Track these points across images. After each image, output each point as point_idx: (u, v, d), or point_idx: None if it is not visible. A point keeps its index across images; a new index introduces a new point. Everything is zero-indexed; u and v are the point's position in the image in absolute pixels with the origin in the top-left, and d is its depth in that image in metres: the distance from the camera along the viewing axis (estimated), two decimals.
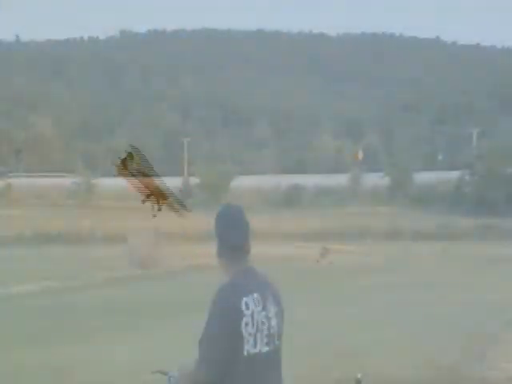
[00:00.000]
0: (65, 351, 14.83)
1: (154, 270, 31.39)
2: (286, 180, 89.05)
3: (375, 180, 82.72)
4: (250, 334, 4.27)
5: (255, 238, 4.52)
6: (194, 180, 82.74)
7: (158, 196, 5.25)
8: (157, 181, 5.78)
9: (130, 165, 5.54)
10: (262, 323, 4.33)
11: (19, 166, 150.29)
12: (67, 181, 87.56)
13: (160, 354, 13.99)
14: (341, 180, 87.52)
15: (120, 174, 5.61)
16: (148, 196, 5.14)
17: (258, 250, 4.58)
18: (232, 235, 4.43)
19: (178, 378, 4.34)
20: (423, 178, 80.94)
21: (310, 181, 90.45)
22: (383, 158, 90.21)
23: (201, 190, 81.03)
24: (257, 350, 4.30)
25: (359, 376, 8.94)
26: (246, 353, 4.27)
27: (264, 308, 4.36)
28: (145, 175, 5.67)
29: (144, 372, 12.10)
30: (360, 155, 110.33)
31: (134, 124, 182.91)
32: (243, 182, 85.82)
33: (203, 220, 44.10)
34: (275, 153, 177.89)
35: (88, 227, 49.44)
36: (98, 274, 29.06)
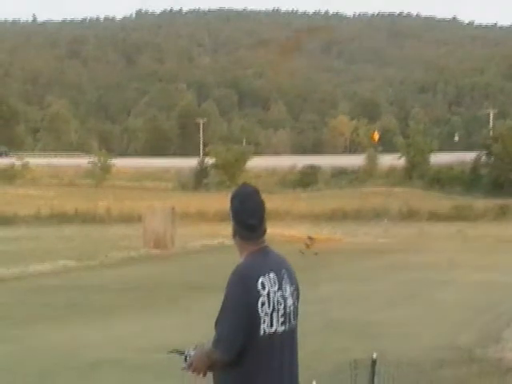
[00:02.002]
0: (80, 329, 14.91)
1: (169, 249, 31.46)
2: (302, 160, 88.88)
3: (391, 161, 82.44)
4: (266, 314, 4.26)
5: (270, 218, 4.51)
6: (210, 160, 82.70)
7: None
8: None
9: None
10: (278, 303, 4.33)
11: (36, 145, 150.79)
12: (83, 160, 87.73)
13: (174, 333, 14.05)
14: (357, 161, 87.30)
15: None
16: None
17: (273, 231, 4.56)
18: (248, 215, 4.41)
19: (193, 358, 4.34)
20: (439, 158, 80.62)
21: (326, 161, 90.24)
22: (399, 138, 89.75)
23: (216, 170, 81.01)
24: (273, 330, 4.30)
25: (375, 356, 8.95)
26: (262, 332, 4.26)
27: (280, 287, 4.36)
28: None
29: (157, 350, 12.18)
30: (376, 136, 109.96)
31: (149, 104, 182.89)
32: (259, 163, 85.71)
33: (219, 200, 44.17)
34: (291, 133, 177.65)
35: (104, 207, 49.59)
36: (114, 254, 29.16)
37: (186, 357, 4.40)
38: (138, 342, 13.69)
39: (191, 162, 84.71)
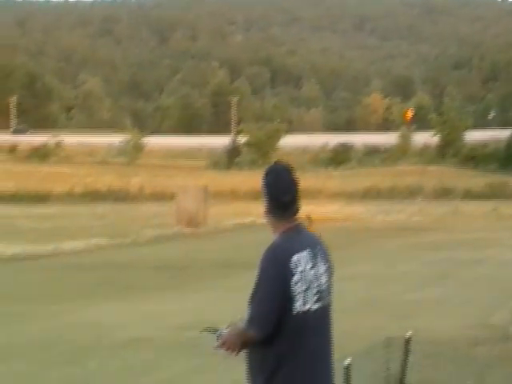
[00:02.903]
0: (114, 307, 14.97)
1: (202, 228, 31.51)
2: (335, 138, 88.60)
3: (425, 138, 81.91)
4: (300, 292, 4.24)
5: (302, 197, 4.45)
6: (242, 139, 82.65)
7: None
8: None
9: None
10: (312, 281, 4.31)
11: (69, 123, 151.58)
12: (116, 138, 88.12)
13: (207, 311, 14.05)
14: (390, 139, 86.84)
15: None
16: None
17: (305, 210, 4.50)
18: (281, 193, 4.37)
19: (226, 336, 4.30)
20: (474, 136, 79.98)
21: (359, 139, 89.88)
22: (434, 116, 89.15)
23: (249, 148, 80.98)
24: (307, 308, 4.27)
25: (409, 335, 8.88)
26: (296, 311, 4.23)
27: (314, 265, 4.33)
28: None
29: (190, 328, 12.20)
30: (409, 114, 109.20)
31: (182, 82, 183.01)
32: (291, 141, 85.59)
33: (251, 178, 44.17)
34: (323, 111, 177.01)
35: (137, 185, 49.76)
36: (147, 232, 29.25)
37: (218, 335, 4.36)
38: (171, 320, 13.71)
39: (223, 141, 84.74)
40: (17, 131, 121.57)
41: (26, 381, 9.97)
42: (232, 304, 13.52)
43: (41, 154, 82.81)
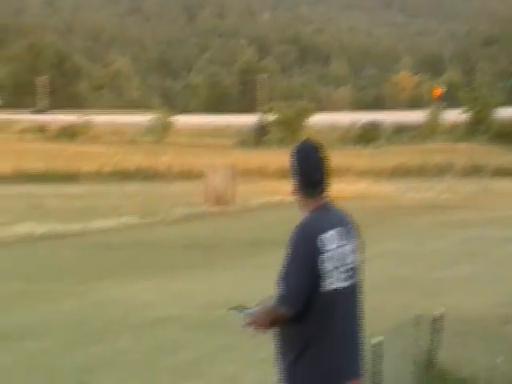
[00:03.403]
0: (143, 286, 15.03)
1: (230, 206, 31.51)
2: (363, 116, 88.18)
3: (455, 116, 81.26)
4: (329, 271, 4.25)
5: (331, 175, 4.42)
6: (271, 117, 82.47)
7: None
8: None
9: None
10: (342, 258, 4.31)
11: (98, 102, 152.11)
12: (145, 117, 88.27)
13: (235, 289, 14.06)
14: (419, 116, 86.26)
15: None
16: None
17: (334, 188, 4.47)
18: (310, 171, 4.37)
19: (255, 315, 4.30)
20: (504, 113, 79.18)
21: (388, 117, 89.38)
22: (463, 93, 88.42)
23: (277, 127, 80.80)
24: (336, 286, 4.28)
25: (439, 313, 8.82)
26: (325, 289, 4.25)
27: (343, 244, 4.34)
28: None
29: (218, 307, 12.21)
30: (438, 91, 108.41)
31: (210, 61, 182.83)
32: (319, 119, 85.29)
33: (279, 157, 44.07)
34: (352, 89, 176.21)
35: (165, 164, 49.84)
36: (176, 211, 29.28)
37: (247, 314, 4.35)
38: (200, 298, 13.73)
39: (251, 119, 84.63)
40: (37, 111, 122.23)
41: (56, 359, 10.03)
42: (260, 282, 13.51)
43: (70, 133, 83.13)
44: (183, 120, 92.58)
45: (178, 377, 9.29)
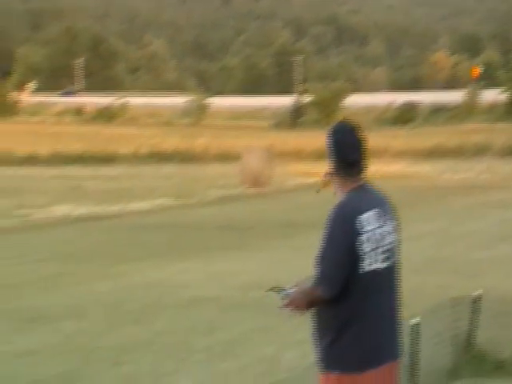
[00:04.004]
0: (179, 267, 15.06)
1: (266, 188, 31.48)
2: (400, 97, 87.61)
3: (493, 96, 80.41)
4: (367, 252, 4.24)
5: (368, 155, 4.39)
6: (306, 98, 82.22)
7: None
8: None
9: None
10: (380, 239, 4.29)
11: (135, 85, 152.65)
12: (181, 99, 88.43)
13: (272, 270, 14.04)
14: (457, 96, 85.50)
15: None
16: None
17: (371, 169, 4.43)
18: (348, 151, 4.35)
19: (293, 296, 4.28)
20: None
21: (425, 98, 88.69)
22: (502, 73, 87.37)
23: (313, 108, 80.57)
24: (374, 267, 4.26)
25: (477, 293, 8.73)
26: (363, 270, 4.23)
27: (381, 225, 4.31)
28: None
29: (255, 288, 12.20)
30: (477, 71, 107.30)
31: (246, 43, 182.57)
32: (356, 100, 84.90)
33: (316, 138, 43.92)
34: (389, 70, 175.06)
35: (202, 146, 49.89)
36: (212, 192, 29.32)
37: (284, 295, 4.33)
38: (236, 279, 13.73)
39: (287, 101, 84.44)
40: (66, 93, 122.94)
41: (93, 340, 10.09)
42: (296, 264, 13.48)
43: (106, 116, 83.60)
44: (219, 102, 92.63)
45: (213, 358, 9.30)
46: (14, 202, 24.98)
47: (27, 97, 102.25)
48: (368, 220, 4.25)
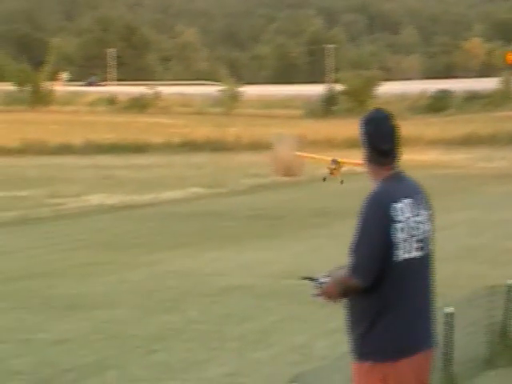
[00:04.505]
0: (212, 256, 15.09)
1: (298, 177, 31.42)
2: (433, 85, 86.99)
3: None
4: (402, 240, 4.21)
5: (401, 144, 4.36)
6: (339, 87, 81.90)
7: None
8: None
9: None
10: (415, 228, 4.26)
11: (167, 74, 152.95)
12: (212, 89, 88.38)
13: (304, 259, 14.02)
14: (491, 84, 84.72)
15: None
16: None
17: (404, 157, 4.40)
18: (381, 140, 4.32)
19: (326, 285, 4.25)
20: None
21: (459, 85, 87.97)
22: None
23: (345, 97, 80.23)
24: (409, 256, 4.23)
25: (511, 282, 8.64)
26: (398, 259, 4.20)
27: (416, 213, 4.28)
28: None
29: (287, 277, 12.20)
30: (511, 57, 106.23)
31: (277, 32, 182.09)
32: (388, 88, 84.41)
33: (348, 127, 43.78)
34: (422, 57, 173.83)
35: (233, 135, 49.90)
36: (244, 181, 29.32)
37: (317, 284, 4.31)
38: (268, 268, 13.73)
39: (319, 89, 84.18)
40: (89, 83, 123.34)
41: (127, 328, 10.14)
42: (329, 253, 13.45)
43: (139, 105, 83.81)
44: (251, 91, 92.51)
45: (246, 346, 9.31)
46: (47, 192, 25.15)
47: (60, 87, 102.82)
48: (402, 209, 4.21)
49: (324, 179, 27.37)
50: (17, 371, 8.39)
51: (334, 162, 28.14)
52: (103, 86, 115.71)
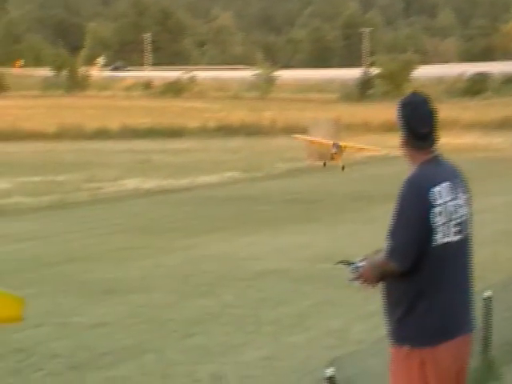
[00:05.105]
0: (248, 240, 15.11)
1: (334, 161, 31.30)
2: (471, 68, 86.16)
3: None
4: (440, 224, 4.18)
5: (439, 128, 4.32)
6: (375, 70, 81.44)
7: None
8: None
9: None
10: (453, 212, 4.23)
11: (202, 58, 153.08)
12: (248, 73, 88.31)
13: (339, 243, 13.99)
14: None
15: None
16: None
17: (441, 141, 4.36)
18: (419, 124, 4.28)
19: (363, 269, 4.23)
20: None
21: (497, 68, 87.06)
22: None
23: (381, 80, 79.76)
24: (447, 240, 4.20)
25: None
26: (436, 243, 4.17)
27: (454, 197, 4.24)
28: None
29: (322, 261, 12.17)
30: None
31: (313, 15, 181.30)
32: (425, 72, 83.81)
33: (384, 110, 43.52)
34: (459, 40, 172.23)
35: (269, 119, 49.86)
36: (279, 165, 29.31)
37: (353, 268, 4.29)
38: (304, 252, 13.72)
39: (355, 73, 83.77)
40: (115, 68, 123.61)
41: (164, 312, 10.18)
42: (365, 237, 13.41)
43: (175, 90, 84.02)
44: (286, 75, 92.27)
45: (282, 330, 9.31)
46: (84, 176, 25.34)
47: (97, 71, 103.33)
48: (441, 193, 4.18)
49: (324, 164, 26.97)
50: (55, 354, 8.46)
51: (336, 146, 27.67)
52: (129, 71, 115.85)
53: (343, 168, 27.31)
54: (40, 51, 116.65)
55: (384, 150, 32.12)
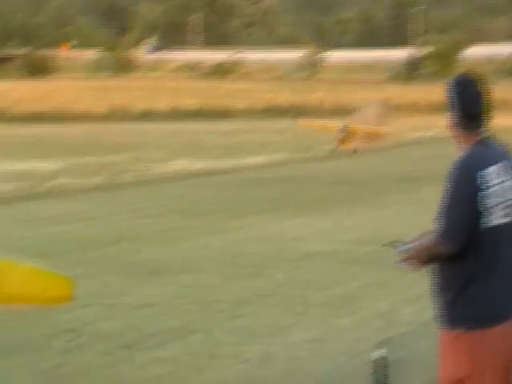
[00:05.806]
0: (295, 221, 15.08)
1: (382, 142, 31.10)
2: None
3: None
4: (490, 207, 4.10)
5: (490, 108, 4.24)
6: (424, 51, 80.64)
7: None
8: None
9: None
10: (503, 194, 4.14)
11: (250, 39, 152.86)
12: (296, 54, 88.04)
13: (386, 225, 13.89)
14: None
15: None
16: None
17: (493, 122, 4.28)
18: (469, 104, 4.20)
19: (411, 251, 4.18)
20: None
21: None
22: None
23: (431, 60, 78.98)
24: (497, 222, 4.12)
25: None
26: (486, 225, 4.10)
27: (505, 179, 4.16)
28: None
29: (369, 243, 12.11)
30: None
31: None
32: (475, 51, 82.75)
33: (433, 91, 43.08)
34: (511, 19, 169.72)
35: (317, 100, 49.66)
36: (327, 147, 29.18)
37: (401, 250, 4.24)
38: (351, 234, 13.66)
39: (404, 53, 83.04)
40: (155, 48, 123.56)
41: (211, 293, 10.20)
42: (413, 218, 13.30)
43: (222, 71, 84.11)
44: (335, 56, 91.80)
45: (330, 312, 9.28)
46: (131, 157, 25.50)
47: (143, 53, 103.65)
48: (491, 174, 4.11)
49: (331, 151, 25.99)
50: (103, 334, 8.54)
51: (343, 130, 26.49)
52: (168, 52, 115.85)
53: (355, 151, 26.58)
54: (88, 34, 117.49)
55: (430, 132, 31.82)
